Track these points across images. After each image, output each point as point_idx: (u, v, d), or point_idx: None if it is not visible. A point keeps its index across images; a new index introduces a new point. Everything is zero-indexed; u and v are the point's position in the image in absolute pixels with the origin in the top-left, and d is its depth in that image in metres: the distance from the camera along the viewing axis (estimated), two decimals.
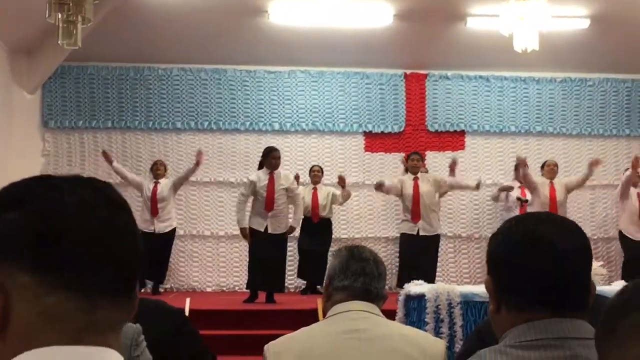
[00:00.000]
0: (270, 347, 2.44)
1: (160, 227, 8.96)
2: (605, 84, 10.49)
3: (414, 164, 9.03)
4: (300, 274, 9.56)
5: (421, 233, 8.90)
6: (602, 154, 10.45)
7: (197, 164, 8.99)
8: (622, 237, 9.40)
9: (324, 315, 2.60)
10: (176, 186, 9.15)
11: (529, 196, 9.25)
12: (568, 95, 10.47)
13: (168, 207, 9.04)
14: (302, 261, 9.46)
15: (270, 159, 8.21)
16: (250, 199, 8.26)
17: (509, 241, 1.51)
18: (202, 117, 10.12)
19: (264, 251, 8.04)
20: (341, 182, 9.15)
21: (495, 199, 9.93)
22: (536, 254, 1.46)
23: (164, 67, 10.06)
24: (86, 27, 6.18)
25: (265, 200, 8.12)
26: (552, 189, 9.15)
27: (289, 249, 8.77)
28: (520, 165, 8.92)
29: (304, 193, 9.28)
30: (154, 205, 8.96)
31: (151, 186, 9.06)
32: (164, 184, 9.11)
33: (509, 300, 1.46)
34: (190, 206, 10.05)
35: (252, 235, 8.16)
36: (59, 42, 5.85)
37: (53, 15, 5.63)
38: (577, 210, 10.12)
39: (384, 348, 2.35)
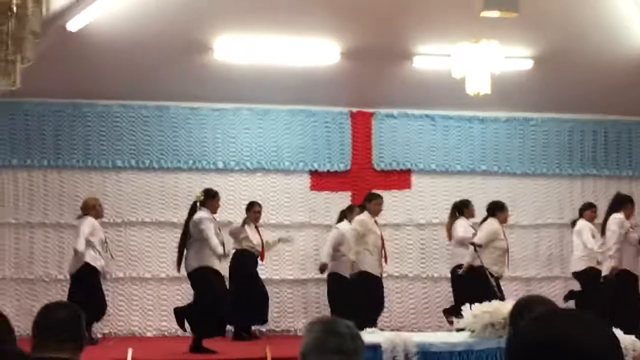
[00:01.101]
0: None
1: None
2: (548, 124, 10.61)
3: (379, 207, 9.08)
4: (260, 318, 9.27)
5: (383, 275, 9.02)
6: (545, 192, 10.55)
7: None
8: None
9: None
10: None
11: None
12: (512, 134, 10.54)
13: None
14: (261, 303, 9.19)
15: (215, 202, 8.03)
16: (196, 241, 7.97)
17: (536, 343, 1.34)
18: (144, 156, 9.80)
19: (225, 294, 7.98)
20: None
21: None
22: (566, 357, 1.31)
23: (104, 104, 9.73)
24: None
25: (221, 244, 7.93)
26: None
27: None
28: None
29: (248, 232, 9.07)
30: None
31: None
32: None
33: None
34: (130, 247, 9.69)
35: (210, 276, 7.89)
36: None
37: None
38: (522, 249, 10.14)
39: None
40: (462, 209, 9.31)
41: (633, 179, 10.67)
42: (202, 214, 7.89)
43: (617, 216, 8.77)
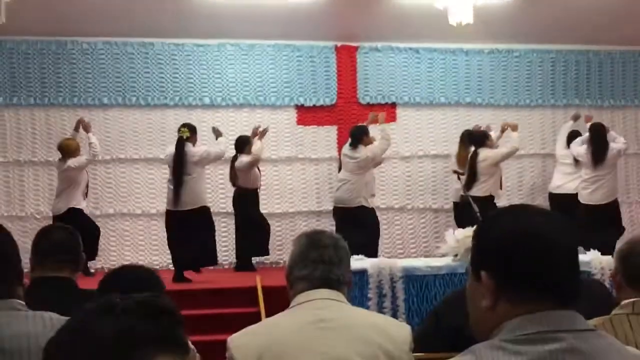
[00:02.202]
0: (233, 340, 2.38)
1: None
2: (531, 55, 10.67)
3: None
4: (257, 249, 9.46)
5: None
6: (529, 123, 10.68)
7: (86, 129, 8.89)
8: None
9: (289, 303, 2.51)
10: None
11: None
12: (496, 66, 10.61)
13: None
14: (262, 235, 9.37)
15: (197, 136, 8.55)
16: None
17: (510, 234, 1.48)
18: (130, 93, 9.83)
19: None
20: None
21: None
22: (541, 247, 1.45)
23: (88, 41, 9.70)
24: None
25: None
26: None
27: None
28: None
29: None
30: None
31: None
32: None
33: (511, 293, 1.44)
34: (119, 184, 9.81)
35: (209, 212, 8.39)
36: None
37: None
38: (505, 179, 10.29)
39: (351, 337, 2.32)
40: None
41: (615, 109, 10.82)
42: (196, 148, 8.23)
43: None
